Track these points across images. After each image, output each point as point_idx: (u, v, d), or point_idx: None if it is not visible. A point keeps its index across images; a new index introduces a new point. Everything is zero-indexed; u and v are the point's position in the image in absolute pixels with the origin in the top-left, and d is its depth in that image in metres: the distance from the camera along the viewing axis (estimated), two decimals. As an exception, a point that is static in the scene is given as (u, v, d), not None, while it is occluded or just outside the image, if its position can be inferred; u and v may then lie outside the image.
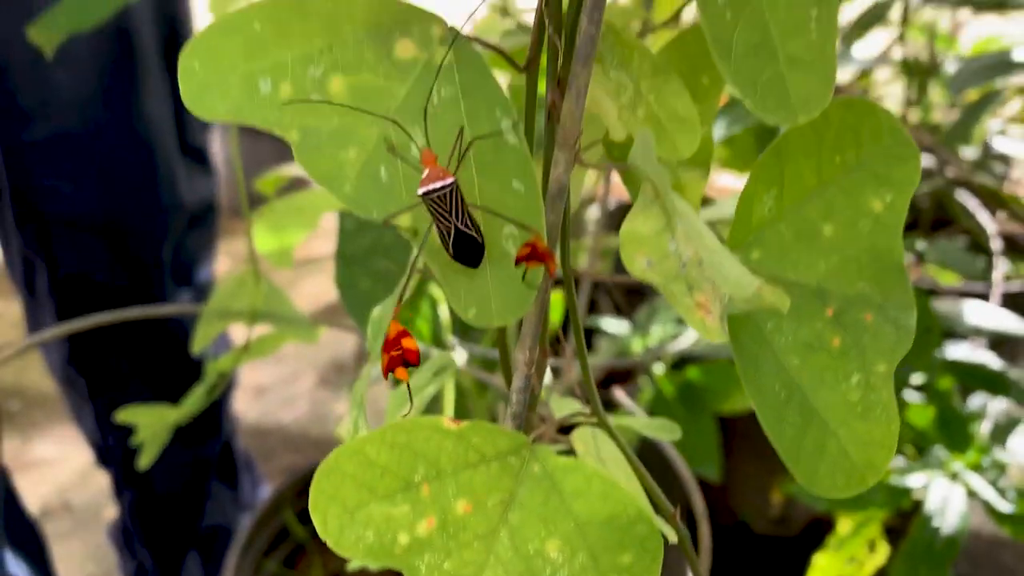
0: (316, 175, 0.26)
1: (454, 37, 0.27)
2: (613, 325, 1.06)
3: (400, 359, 0.28)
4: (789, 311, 0.28)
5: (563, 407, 0.38)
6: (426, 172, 0.27)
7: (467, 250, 0.28)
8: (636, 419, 0.41)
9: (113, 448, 1.05)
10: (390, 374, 0.27)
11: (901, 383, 0.84)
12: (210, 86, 0.26)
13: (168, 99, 0.93)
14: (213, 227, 1.04)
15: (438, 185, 0.27)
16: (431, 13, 0.27)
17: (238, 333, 0.93)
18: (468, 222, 0.27)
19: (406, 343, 0.27)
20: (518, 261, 0.27)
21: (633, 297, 1.22)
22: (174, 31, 0.93)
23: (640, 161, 0.25)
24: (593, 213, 1.17)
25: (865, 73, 1.24)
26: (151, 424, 0.79)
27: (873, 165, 0.31)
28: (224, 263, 1.92)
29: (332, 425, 1.54)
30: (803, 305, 0.30)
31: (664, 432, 0.39)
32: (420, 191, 0.27)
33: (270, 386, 1.67)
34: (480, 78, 0.27)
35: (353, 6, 0.26)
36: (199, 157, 0.99)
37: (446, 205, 0.27)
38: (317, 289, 1.93)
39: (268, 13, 0.26)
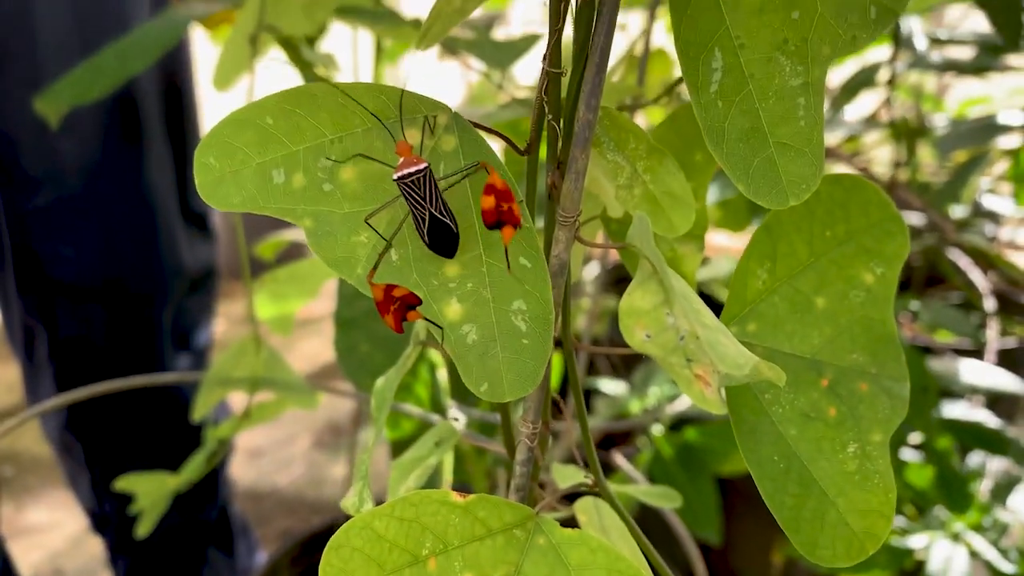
0: (329, 260, 0.27)
1: (458, 123, 0.28)
2: (611, 386, 1.06)
3: (404, 307, 0.28)
4: (786, 382, 0.28)
5: (565, 476, 0.38)
6: (401, 160, 0.28)
7: (442, 237, 0.28)
8: (637, 487, 0.41)
9: (109, 515, 1.04)
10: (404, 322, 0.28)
11: (899, 442, 0.84)
12: (225, 179, 0.27)
13: (170, 165, 0.95)
14: (213, 292, 1.05)
15: (412, 170, 0.27)
16: (436, 101, 0.28)
17: (237, 398, 0.93)
18: (443, 209, 0.28)
19: (396, 292, 0.28)
20: (488, 221, 0.27)
21: (630, 358, 1.22)
22: (177, 99, 0.94)
23: (637, 241, 0.26)
24: (591, 272, 1.18)
25: (854, 136, 1.26)
26: (150, 492, 0.79)
27: (863, 239, 0.32)
28: (221, 325, 1.92)
29: (328, 488, 1.52)
30: (799, 376, 0.31)
31: (664, 500, 0.40)
32: (395, 176, 0.27)
33: (266, 449, 1.66)
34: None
35: (361, 98, 0.27)
36: (200, 223, 1.00)
37: (420, 191, 0.28)
38: (314, 350, 1.93)
39: (278, 108, 0.27)
